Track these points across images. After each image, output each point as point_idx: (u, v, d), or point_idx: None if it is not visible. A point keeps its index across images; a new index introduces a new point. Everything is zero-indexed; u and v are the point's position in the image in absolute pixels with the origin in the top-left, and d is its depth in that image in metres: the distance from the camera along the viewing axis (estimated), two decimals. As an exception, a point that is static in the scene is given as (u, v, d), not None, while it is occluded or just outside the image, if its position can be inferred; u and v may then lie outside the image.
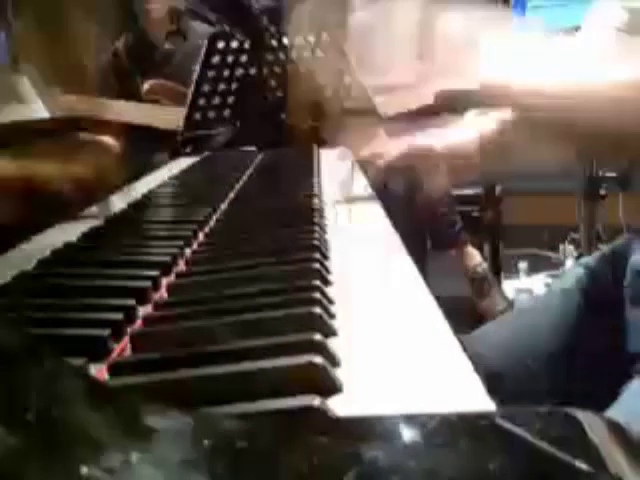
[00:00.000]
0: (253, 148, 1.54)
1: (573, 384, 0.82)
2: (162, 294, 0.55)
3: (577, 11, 1.51)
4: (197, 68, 1.62)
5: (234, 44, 1.62)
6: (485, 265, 2.41)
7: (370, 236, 0.74)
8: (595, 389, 0.71)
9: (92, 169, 0.93)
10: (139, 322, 0.48)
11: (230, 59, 1.63)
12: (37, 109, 0.92)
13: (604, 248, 0.94)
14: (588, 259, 0.94)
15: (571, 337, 0.86)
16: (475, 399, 0.35)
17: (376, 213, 0.85)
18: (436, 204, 2.37)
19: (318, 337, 0.40)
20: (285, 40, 1.61)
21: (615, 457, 0.24)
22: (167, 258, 0.62)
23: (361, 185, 1.00)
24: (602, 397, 0.68)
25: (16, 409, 0.24)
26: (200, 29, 2.37)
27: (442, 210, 2.39)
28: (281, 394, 0.34)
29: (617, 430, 0.26)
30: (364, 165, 1.01)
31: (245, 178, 1.13)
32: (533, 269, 2.74)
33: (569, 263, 2.59)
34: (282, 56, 1.62)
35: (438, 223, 2.41)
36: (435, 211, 2.39)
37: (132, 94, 2.20)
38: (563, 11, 2.00)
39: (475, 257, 2.41)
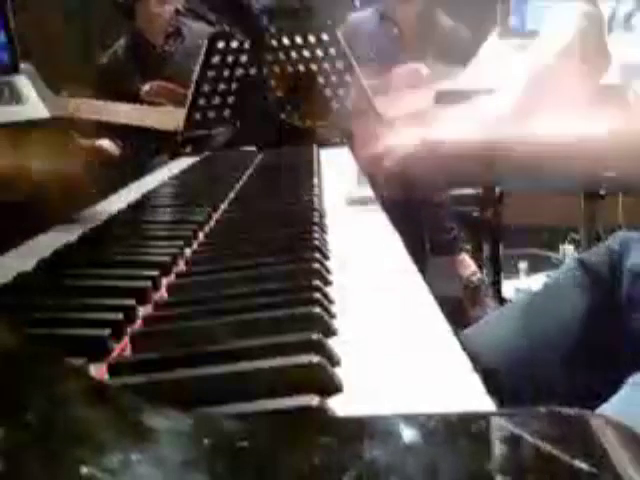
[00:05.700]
0: (253, 148, 1.54)
1: (570, 383, 0.82)
2: (162, 294, 0.55)
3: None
4: (197, 68, 1.62)
5: (234, 44, 1.62)
6: (480, 275, 2.41)
7: (370, 236, 0.74)
8: (594, 388, 0.71)
9: (90, 172, 0.93)
10: (139, 322, 0.48)
11: (230, 59, 1.63)
12: (37, 109, 0.92)
13: (600, 245, 0.93)
14: (583, 256, 0.93)
15: (567, 335, 0.86)
16: (474, 399, 0.35)
17: (376, 214, 0.85)
18: (434, 208, 2.37)
19: (318, 337, 0.40)
20: (285, 40, 1.61)
21: (615, 456, 0.24)
22: (167, 258, 0.62)
23: (362, 186, 1.00)
24: (600, 397, 0.68)
25: (16, 409, 0.24)
26: (200, 29, 2.37)
27: (439, 215, 2.39)
28: (281, 394, 0.34)
29: (617, 429, 0.26)
30: (365, 166, 1.01)
31: (245, 178, 1.13)
32: (533, 269, 2.74)
33: (568, 263, 2.59)
34: (282, 56, 1.62)
35: (434, 228, 2.41)
36: (432, 215, 2.39)
37: (132, 96, 2.21)
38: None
39: (470, 266, 2.42)
